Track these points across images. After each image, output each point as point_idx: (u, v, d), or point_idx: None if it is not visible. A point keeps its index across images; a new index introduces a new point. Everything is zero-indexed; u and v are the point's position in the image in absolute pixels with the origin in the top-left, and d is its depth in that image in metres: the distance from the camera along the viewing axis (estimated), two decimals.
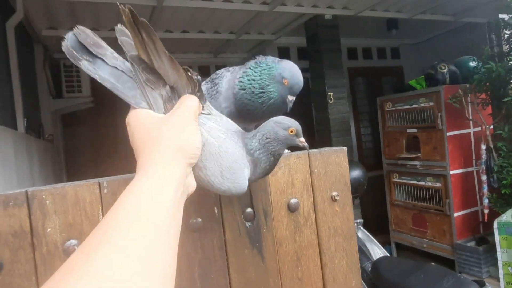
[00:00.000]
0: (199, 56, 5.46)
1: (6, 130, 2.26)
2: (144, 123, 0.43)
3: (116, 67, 0.44)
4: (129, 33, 0.43)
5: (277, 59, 0.61)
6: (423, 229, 3.58)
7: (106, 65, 0.44)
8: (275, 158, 0.51)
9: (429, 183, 3.42)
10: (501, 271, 2.77)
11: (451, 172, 3.23)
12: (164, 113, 0.45)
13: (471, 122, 3.24)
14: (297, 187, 0.58)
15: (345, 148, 0.63)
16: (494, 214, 2.96)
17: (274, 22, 4.23)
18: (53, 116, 4.37)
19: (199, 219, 0.52)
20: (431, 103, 3.27)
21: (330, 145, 3.98)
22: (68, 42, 0.42)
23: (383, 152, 3.92)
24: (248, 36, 4.50)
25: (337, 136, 4.01)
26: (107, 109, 4.33)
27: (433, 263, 2.11)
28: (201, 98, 0.48)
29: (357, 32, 4.94)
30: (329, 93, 3.99)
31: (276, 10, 3.62)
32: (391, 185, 3.84)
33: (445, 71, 3.25)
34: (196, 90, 0.47)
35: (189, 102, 0.44)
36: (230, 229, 0.53)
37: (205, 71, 5.72)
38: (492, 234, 2.94)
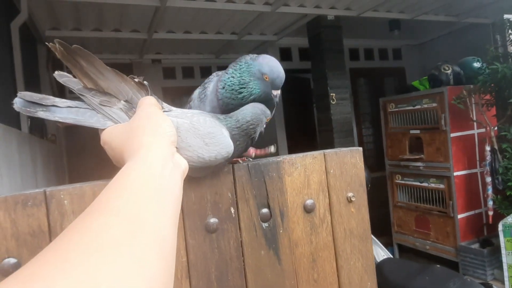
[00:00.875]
0: (201, 57, 5.46)
1: (11, 130, 2.26)
2: (116, 132, 0.45)
3: (69, 106, 0.48)
4: (66, 74, 0.48)
5: (255, 55, 0.60)
6: (426, 231, 3.57)
7: (60, 108, 0.47)
8: (252, 141, 0.54)
9: (432, 185, 3.41)
10: (506, 273, 2.76)
11: (455, 174, 3.22)
12: None
13: (475, 123, 3.23)
14: (313, 187, 0.58)
15: (360, 148, 0.63)
16: (498, 216, 2.95)
17: (276, 23, 4.23)
18: None
19: (216, 220, 0.51)
20: (434, 104, 3.27)
21: (332, 147, 3.98)
22: (17, 104, 0.46)
23: (386, 153, 3.91)
24: (250, 37, 4.50)
25: (339, 137, 4.01)
26: None
27: (438, 265, 2.10)
28: (156, 99, 0.51)
29: (359, 33, 4.94)
30: (331, 94, 3.99)
31: (279, 11, 3.62)
32: (394, 186, 3.83)
33: (449, 71, 3.24)
34: (149, 93, 0.51)
35: (147, 100, 0.48)
36: (247, 230, 0.53)
37: (206, 72, 5.72)
38: (497, 236, 2.93)
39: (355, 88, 5.38)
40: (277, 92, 0.57)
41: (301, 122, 4.99)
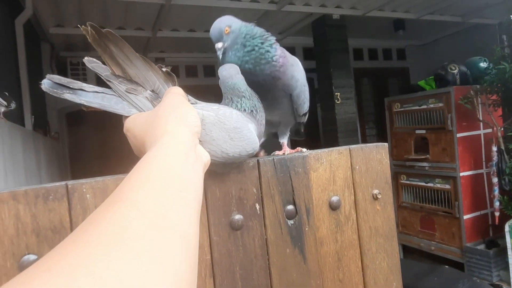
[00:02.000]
0: (205, 55, 5.44)
1: (15, 127, 2.24)
2: (140, 119, 0.44)
3: (96, 91, 0.47)
4: (95, 60, 0.47)
5: None
6: (431, 231, 3.54)
7: (87, 92, 0.47)
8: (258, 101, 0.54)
9: (438, 185, 3.39)
10: None
11: (461, 174, 3.19)
12: None
13: (481, 124, 3.20)
14: (338, 184, 0.56)
15: (386, 144, 0.61)
16: (505, 217, 2.92)
17: (281, 22, 4.21)
18: (59, 113, 4.36)
19: (241, 216, 0.49)
20: (440, 104, 3.24)
21: (337, 145, 3.96)
22: (45, 85, 0.45)
23: (391, 153, 3.89)
24: None
25: (343, 136, 3.99)
26: None
27: (446, 266, 2.07)
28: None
29: (363, 32, 4.92)
30: (336, 93, 3.97)
31: (284, 10, 3.60)
32: (399, 186, 3.80)
33: (455, 71, 3.21)
34: (176, 83, 0.50)
35: (174, 90, 0.46)
36: (272, 227, 0.51)
37: (210, 71, 5.70)
38: (503, 237, 2.90)
39: (359, 88, 5.37)
40: (216, 45, 0.56)
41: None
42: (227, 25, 0.54)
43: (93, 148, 5.10)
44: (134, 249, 0.25)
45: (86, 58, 0.47)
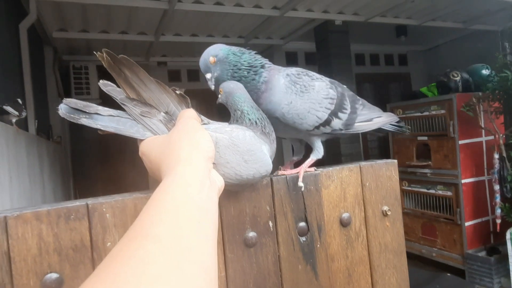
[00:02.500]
0: None
1: (20, 132, 2.25)
2: (154, 144, 0.45)
3: (111, 115, 0.48)
4: (110, 83, 0.48)
5: None
6: (432, 238, 3.55)
7: (103, 116, 0.48)
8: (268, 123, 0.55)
9: (440, 192, 3.39)
10: None
11: (463, 181, 3.20)
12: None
13: (483, 131, 3.21)
14: (349, 201, 0.57)
15: (395, 161, 0.62)
16: (506, 224, 2.93)
17: (283, 27, 4.23)
18: (61, 117, 4.38)
19: (255, 233, 0.50)
20: (443, 111, 3.25)
21: (339, 152, 3.96)
22: (62, 110, 0.47)
23: (392, 159, 3.90)
24: (257, 41, 4.50)
25: (345, 142, 3.99)
26: None
27: (448, 274, 2.08)
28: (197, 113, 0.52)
29: (365, 38, 4.94)
30: None
31: (287, 15, 3.62)
32: (400, 192, 3.81)
33: (457, 78, 3.23)
34: (189, 105, 0.51)
35: (187, 113, 0.47)
36: (284, 244, 0.52)
37: None
38: (504, 244, 2.91)
39: (360, 93, 5.38)
40: (206, 76, 0.58)
41: None
42: (211, 55, 0.56)
43: (95, 151, 5.11)
44: (161, 285, 0.27)
45: (101, 81, 0.48)
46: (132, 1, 3.10)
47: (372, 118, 0.66)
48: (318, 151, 0.61)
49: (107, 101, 0.49)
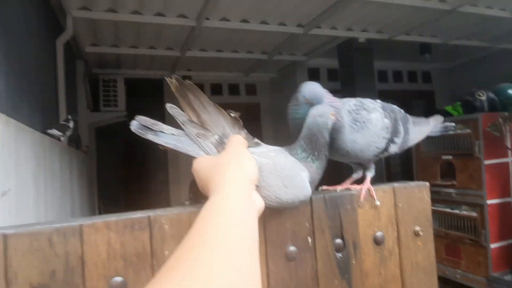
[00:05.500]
0: (230, 74, 5.57)
1: (54, 142, 2.37)
2: (206, 163, 0.51)
3: (173, 134, 0.54)
4: (175, 106, 0.55)
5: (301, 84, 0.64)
6: (456, 259, 3.45)
7: (166, 134, 0.54)
8: (324, 154, 0.56)
9: (464, 212, 3.32)
10: None
11: (488, 202, 3.12)
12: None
13: (509, 151, 3.14)
14: (382, 220, 0.60)
15: (427, 183, 0.64)
16: None
17: (307, 44, 4.30)
18: (89, 128, 4.55)
19: (295, 248, 0.54)
20: (468, 130, 3.21)
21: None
22: (133, 126, 0.53)
23: (416, 178, 3.84)
24: (280, 57, 4.58)
25: None
26: None
27: None
28: (246, 134, 0.57)
29: (389, 55, 4.94)
30: None
31: (311, 33, 3.68)
32: None
33: (483, 98, 3.19)
34: (242, 127, 0.56)
35: (235, 138, 0.53)
36: (322, 259, 0.55)
37: (235, 90, 5.83)
38: None
39: None
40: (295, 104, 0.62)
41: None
42: (312, 97, 0.60)
43: (118, 162, 5.27)
44: (221, 285, 0.31)
45: (168, 104, 0.54)
46: (161, 18, 3.24)
47: (421, 130, 0.70)
48: (373, 169, 0.66)
49: (132, 114, 0.55)
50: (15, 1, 1.99)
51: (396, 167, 5.33)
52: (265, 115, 5.86)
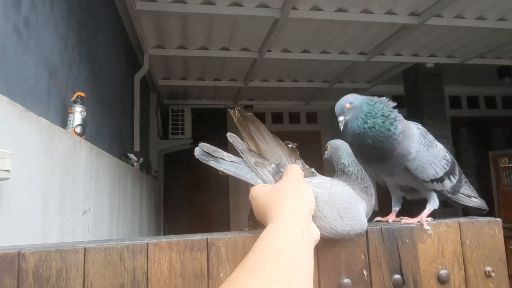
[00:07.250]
0: (291, 103, 5.65)
1: (128, 167, 2.59)
2: (263, 191, 0.52)
3: (232, 161, 0.57)
4: (236, 136, 0.58)
5: None
6: None
7: (226, 161, 0.57)
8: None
9: None
10: None
11: None
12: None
13: None
14: (447, 257, 0.56)
15: (499, 220, 0.59)
16: None
17: (369, 71, 4.22)
18: (158, 154, 4.89)
19: (349, 281, 0.53)
20: None
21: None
22: (197, 152, 0.57)
23: (498, 214, 3.45)
24: (341, 85, 4.55)
25: None
26: None
27: None
28: (303, 164, 0.59)
29: (462, 79, 4.64)
30: None
31: (374, 60, 3.62)
32: (509, 253, 3.32)
33: None
34: (299, 157, 0.58)
35: (293, 169, 0.54)
36: None
37: (295, 118, 5.88)
38: None
39: (456, 138, 4.97)
40: (338, 119, 0.63)
41: None
42: (348, 102, 0.62)
43: (183, 184, 5.55)
44: None
45: (228, 133, 0.58)
46: (226, 52, 3.44)
47: (471, 196, 0.70)
48: (435, 202, 0.64)
49: (198, 141, 0.59)
50: (103, 42, 2.27)
51: None
52: (325, 143, 5.79)
